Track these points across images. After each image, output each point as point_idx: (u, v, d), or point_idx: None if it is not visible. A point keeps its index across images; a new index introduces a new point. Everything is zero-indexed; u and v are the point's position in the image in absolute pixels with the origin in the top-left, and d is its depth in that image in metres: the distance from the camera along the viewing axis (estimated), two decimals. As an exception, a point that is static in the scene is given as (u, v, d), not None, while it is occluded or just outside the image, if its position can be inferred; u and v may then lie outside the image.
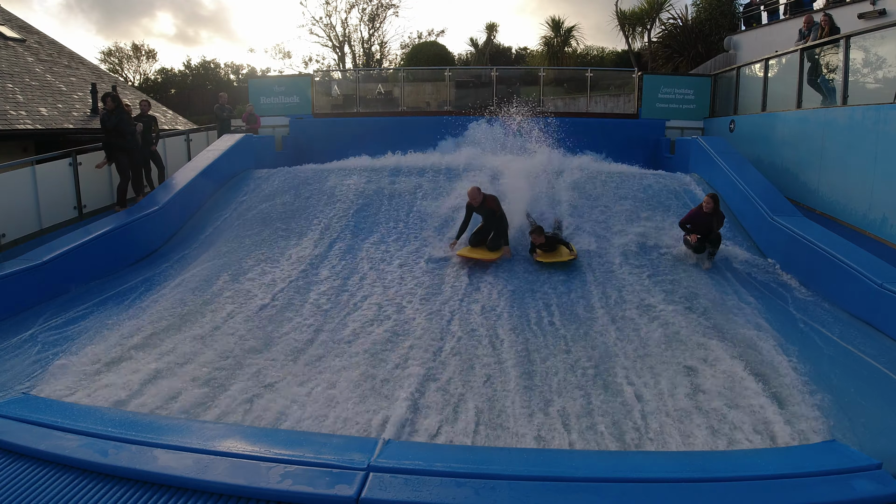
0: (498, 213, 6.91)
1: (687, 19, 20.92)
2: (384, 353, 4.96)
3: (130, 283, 6.51)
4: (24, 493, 2.19)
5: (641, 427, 3.92)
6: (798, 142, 8.88)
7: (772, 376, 4.44)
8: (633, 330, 5.34)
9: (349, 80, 16.56)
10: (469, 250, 6.87)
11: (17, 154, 10.47)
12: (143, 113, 9.41)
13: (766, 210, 7.27)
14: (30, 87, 12.17)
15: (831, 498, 2.19)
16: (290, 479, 2.18)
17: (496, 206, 6.90)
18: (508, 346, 5.06)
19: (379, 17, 27.06)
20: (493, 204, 6.89)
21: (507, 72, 15.11)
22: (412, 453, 2.50)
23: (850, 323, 5.36)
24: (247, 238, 7.66)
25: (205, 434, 2.68)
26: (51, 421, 2.64)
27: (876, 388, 4.24)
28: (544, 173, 9.27)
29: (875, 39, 7.73)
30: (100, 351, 4.88)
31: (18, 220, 7.33)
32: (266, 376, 4.57)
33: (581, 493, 2.18)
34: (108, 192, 8.91)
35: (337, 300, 6.04)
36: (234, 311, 5.72)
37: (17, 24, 14.93)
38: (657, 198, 8.59)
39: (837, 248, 5.99)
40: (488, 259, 6.77)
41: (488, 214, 6.94)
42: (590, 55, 26.09)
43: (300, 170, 9.99)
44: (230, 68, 32.38)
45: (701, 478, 2.31)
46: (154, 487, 2.19)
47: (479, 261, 6.75)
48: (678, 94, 12.66)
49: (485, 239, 6.99)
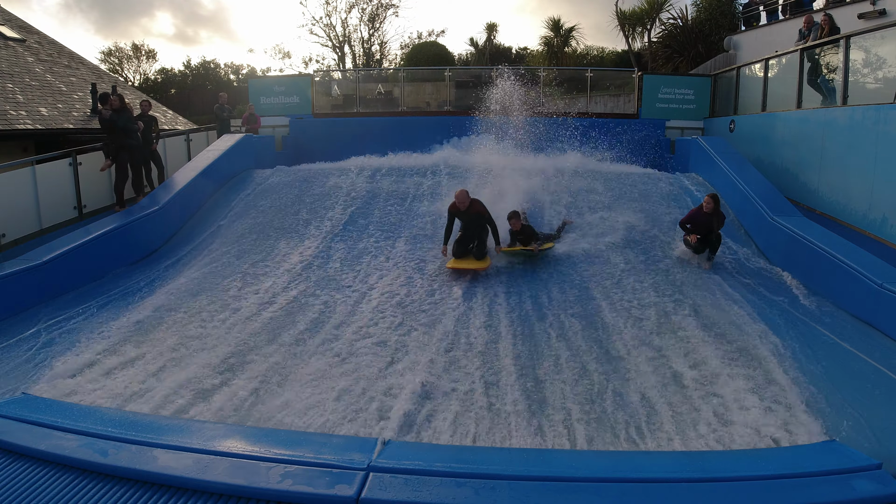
0: (485, 216, 6.59)
1: (687, 19, 20.92)
2: (385, 353, 4.95)
3: (130, 284, 6.51)
4: (24, 493, 2.18)
5: (641, 427, 3.91)
6: (798, 142, 8.88)
7: (771, 376, 4.44)
8: (632, 330, 5.34)
9: (349, 80, 16.55)
10: (455, 262, 6.60)
11: (17, 154, 10.46)
12: (143, 113, 9.41)
13: (766, 210, 7.27)
14: (30, 87, 12.17)
15: (831, 498, 2.19)
16: (290, 479, 2.18)
17: (483, 210, 6.58)
18: (509, 346, 5.07)
19: (379, 17, 27.08)
20: (480, 208, 6.56)
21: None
22: (412, 453, 2.50)
23: (850, 323, 5.35)
24: (246, 238, 7.66)
25: (205, 434, 2.68)
26: (51, 421, 2.64)
27: (876, 388, 4.24)
28: (543, 172, 9.28)
29: (875, 39, 7.72)
30: (100, 351, 4.88)
31: (18, 220, 7.32)
32: (266, 376, 4.56)
33: (581, 493, 2.18)
34: (108, 192, 8.90)
35: (337, 300, 6.04)
36: (234, 312, 5.72)
37: (17, 24, 14.93)
38: (657, 198, 8.59)
39: (837, 248, 5.99)
40: (478, 268, 6.52)
41: (473, 220, 6.61)
42: (590, 55, 26.09)
43: (300, 170, 9.99)
44: (230, 68, 32.39)
45: (701, 478, 2.31)
46: (154, 487, 2.19)
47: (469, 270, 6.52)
48: (678, 94, 12.66)
49: (468, 247, 6.68)
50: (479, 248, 6.68)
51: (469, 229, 6.69)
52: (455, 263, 6.58)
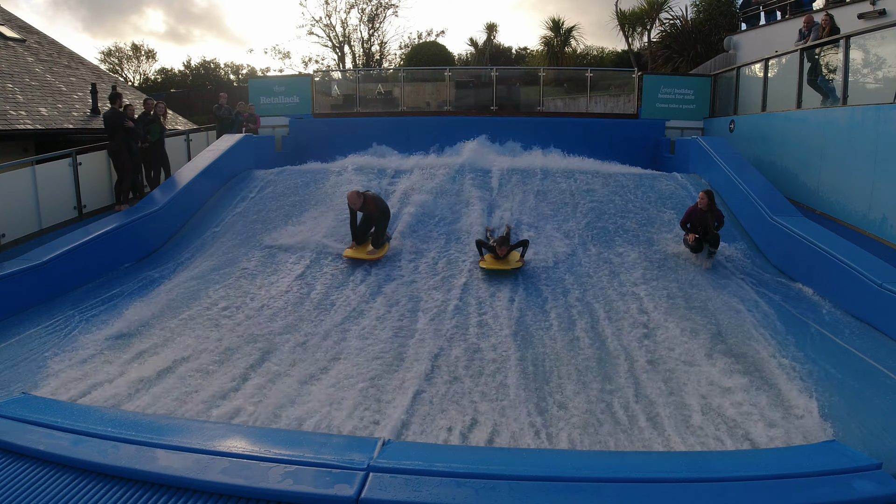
0: (377, 212, 7.02)
1: (687, 19, 20.92)
2: (386, 354, 4.95)
3: (131, 284, 6.51)
4: (24, 493, 2.18)
5: (641, 427, 3.91)
6: (798, 142, 8.87)
7: (771, 376, 4.44)
8: (631, 329, 5.34)
9: (349, 81, 16.54)
10: (354, 251, 6.98)
11: (17, 154, 10.45)
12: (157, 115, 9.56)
13: (766, 210, 7.27)
14: (30, 87, 12.16)
15: (831, 498, 2.19)
16: (290, 479, 2.18)
17: (374, 207, 7.02)
18: (510, 347, 5.07)
19: (379, 17, 27.07)
20: (372, 205, 7.01)
21: (507, 72, 15.11)
22: (412, 453, 2.50)
23: (850, 323, 5.35)
24: (246, 239, 7.66)
25: (205, 434, 2.67)
26: (51, 421, 2.64)
27: (876, 388, 4.24)
28: (541, 172, 9.28)
29: (875, 39, 7.72)
30: (100, 351, 4.88)
31: (18, 220, 7.32)
32: (264, 377, 4.57)
33: (581, 493, 2.18)
34: (108, 192, 8.91)
35: (337, 301, 6.04)
36: (234, 313, 5.72)
37: (17, 24, 14.92)
38: (656, 198, 8.59)
39: (837, 248, 5.99)
40: (372, 258, 6.85)
41: (368, 216, 7.08)
42: (590, 55, 26.09)
43: (300, 170, 9.99)
44: (230, 68, 32.39)
45: (701, 478, 2.31)
46: (154, 487, 2.19)
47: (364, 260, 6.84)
48: (678, 95, 12.65)
49: (365, 236, 7.13)
50: (376, 238, 7.10)
51: (367, 221, 7.17)
52: (352, 253, 6.95)
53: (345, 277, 6.58)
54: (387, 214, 7.21)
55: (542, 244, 7.26)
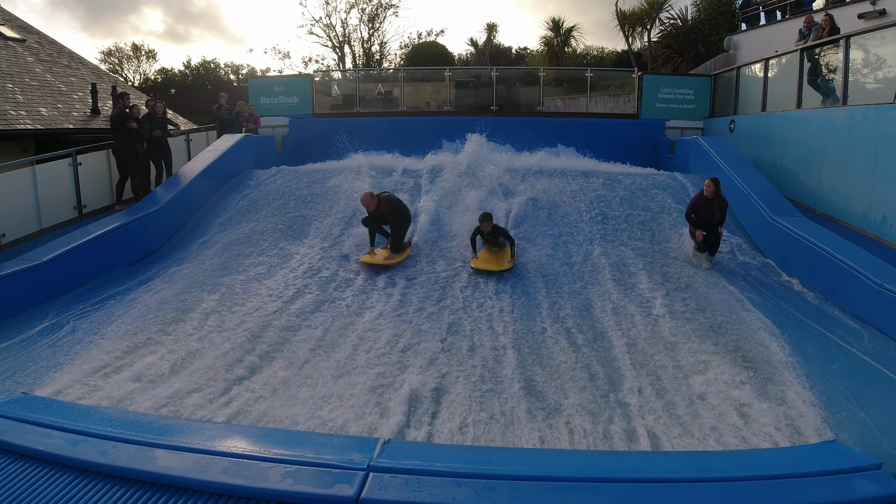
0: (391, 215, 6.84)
1: (687, 19, 20.92)
2: (386, 355, 4.95)
3: (131, 284, 6.51)
4: (24, 493, 2.18)
5: (641, 427, 3.91)
6: (798, 142, 8.88)
7: (771, 376, 4.44)
8: (631, 330, 5.34)
9: (349, 80, 16.55)
10: (371, 256, 6.81)
11: (17, 154, 10.46)
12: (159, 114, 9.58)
13: (766, 210, 7.27)
14: (30, 87, 12.17)
15: (831, 498, 2.19)
16: (290, 479, 2.18)
17: (388, 209, 6.84)
18: (509, 348, 5.07)
19: (379, 17, 27.09)
20: (386, 207, 6.84)
21: (507, 72, 15.11)
22: (412, 453, 2.50)
23: (850, 323, 5.35)
24: (247, 239, 7.66)
25: (205, 434, 2.68)
26: (51, 421, 2.64)
27: (876, 388, 4.24)
28: (541, 172, 9.29)
29: (875, 39, 7.73)
30: (99, 351, 4.87)
31: (18, 220, 7.32)
32: (265, 377, 4.57)
33: (581, 493, 2.18)
34: (108, 192, 8.91)
35: (336, 301, 6.04)
36: (234, 313, 5.71)
37: (17, 24, 14.93)
38: (656, 198, 8.59)
39: (837, 248, 5.99)
40: (388, 264, 6.70)
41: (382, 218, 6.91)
42: (590, 55, 26.09)
43: (300, 170, 9.99)
44: (230, 68, 32.38)
45: (701, 478, 2.31)
46: (154, 487, 2.19)
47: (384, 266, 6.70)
48: (678, 95, 12.66)
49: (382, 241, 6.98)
50: (395, 242, 6.93)
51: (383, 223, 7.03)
52: (368, 259, 6.79)
53: (345, 278, 6.57)
54: (404, 217, 6.99)
55: (542, 244, 7.26)
